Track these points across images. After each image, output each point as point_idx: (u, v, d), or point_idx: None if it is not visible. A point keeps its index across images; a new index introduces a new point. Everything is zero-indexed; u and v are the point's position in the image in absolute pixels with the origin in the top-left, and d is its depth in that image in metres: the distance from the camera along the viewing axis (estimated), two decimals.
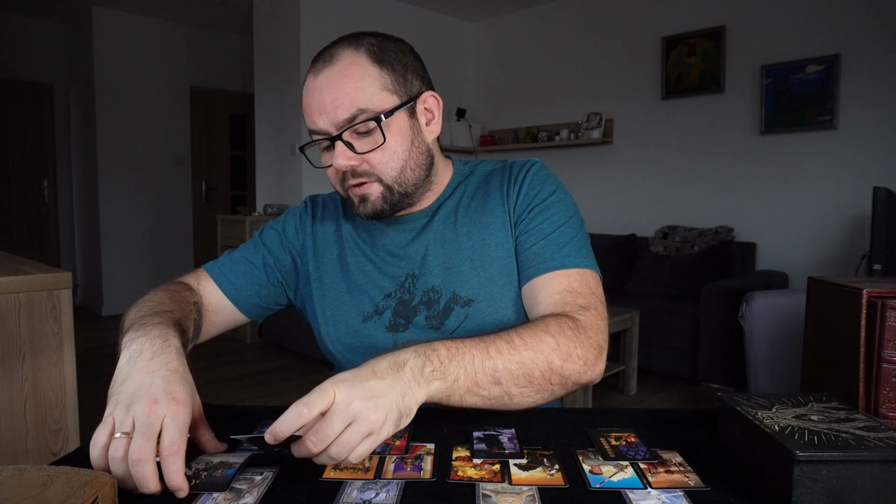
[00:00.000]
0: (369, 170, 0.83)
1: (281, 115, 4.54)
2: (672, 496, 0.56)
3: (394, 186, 0.85)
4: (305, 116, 0.84)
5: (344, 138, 0.81)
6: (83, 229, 5.65)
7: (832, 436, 0.55)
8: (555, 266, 0.85)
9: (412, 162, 0.86)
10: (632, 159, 4.38)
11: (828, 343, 0.75)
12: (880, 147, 3.33)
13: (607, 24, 4.48)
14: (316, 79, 0.82)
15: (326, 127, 0.81)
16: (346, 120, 0.80)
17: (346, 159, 0.81)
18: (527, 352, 0.71)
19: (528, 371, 0.71)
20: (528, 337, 0.72)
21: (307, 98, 0.83)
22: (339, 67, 0.81)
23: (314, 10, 4.35)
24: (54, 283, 1.43)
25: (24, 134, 5.47)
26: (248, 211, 4.49)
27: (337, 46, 0.84)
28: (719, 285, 3.21)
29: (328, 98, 0.80)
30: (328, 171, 0.87)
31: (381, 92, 0.82)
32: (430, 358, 0.66)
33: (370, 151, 0.82)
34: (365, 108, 0.80)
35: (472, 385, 0.68)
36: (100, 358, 3.97)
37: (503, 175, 0.94)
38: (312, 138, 0.85)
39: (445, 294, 0.89)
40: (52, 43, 5.57)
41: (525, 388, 0.72)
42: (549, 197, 0.90)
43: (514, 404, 0.73)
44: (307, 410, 0.56)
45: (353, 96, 0.80)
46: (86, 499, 0.48)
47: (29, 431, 1.40)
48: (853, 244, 3.40)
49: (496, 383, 0.69)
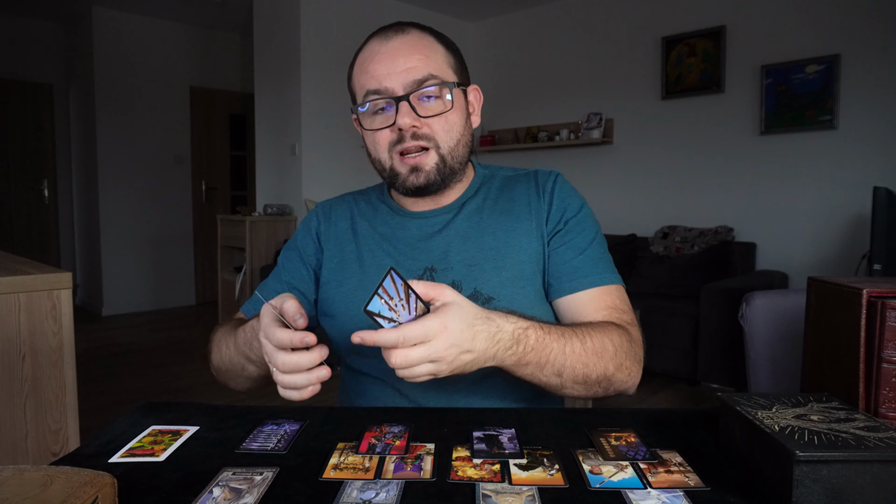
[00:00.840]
0: (429, 133, 0.87)
1: (281, 115, 4.54)
2: (672, 496, 0.56)
3: (447, 158, 0.88)
4: (364, 77, 0.87)
5: (410, 100, 0.85)
6: (83, 229, 5.65)
7: (832, 436, 0.55)
8: (595, 282, 0.90)
9: (464, 140, 0.91)
10: (632, 159, 4.37)
11: (828, 343, 0.75)
12: (880, 147, 3.33)
13: (607, 24, 4.47)
14: (387, 42, 0.86)
15: (393, 86, 0.85)
16: (417, 82, 0.85)
17: (411, 118, 0.85)
18: (592, 356, 0.78)
19: (587, 373, 0.78)
20: (596, 341, 0.78)
21: (373, 60, 0.86)
22: (412, 37, 0.87)
23: (314, 10, 4.35)
24: (54, 283, 1.43)
25: (24, 134, 5.47)
26: (248, 211, 4.49)
27: (402, 24, 0.89)
28: (719, 285, 3.21)
29: (401, 60, 0.85)
30: (378, 136, 0.88)
31: (447, 67, 0.89)
32: (519, 345, 0.71)
33: (433, 116, 0.86)
34: (435, 75, 0.86)
35: (537, 370, 0.75)
36: (100, 358, 3.97)
37: (528, 183, 0.97)
38: (367, 99, 0.87)
39: (466, 289, 0.89)
40: (52, 43, 5.56)
41: (578, 386, 0.78)
42: (580, 212, 0.95)
43: (559, 392, 0.80)
44: (406, 340, 0.63)
45: (426, 62, 0.86)
46: (86, 499, 0.48)
47: (29, 431, 1.40)
48: (853, 244, 3.40)
49: (557, 375, 0.76)
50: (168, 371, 3.71)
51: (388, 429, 0.72)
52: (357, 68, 0.90)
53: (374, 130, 0.88)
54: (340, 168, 4.56)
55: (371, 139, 0.90)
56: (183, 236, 5.81)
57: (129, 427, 0.74)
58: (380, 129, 0.87)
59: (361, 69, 0.88)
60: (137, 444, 0.69)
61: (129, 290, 5.46)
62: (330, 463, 0.63)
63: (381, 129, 0.87)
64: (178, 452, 0.67)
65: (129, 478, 0.60)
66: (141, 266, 5.53)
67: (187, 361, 3.92)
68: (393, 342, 0.62)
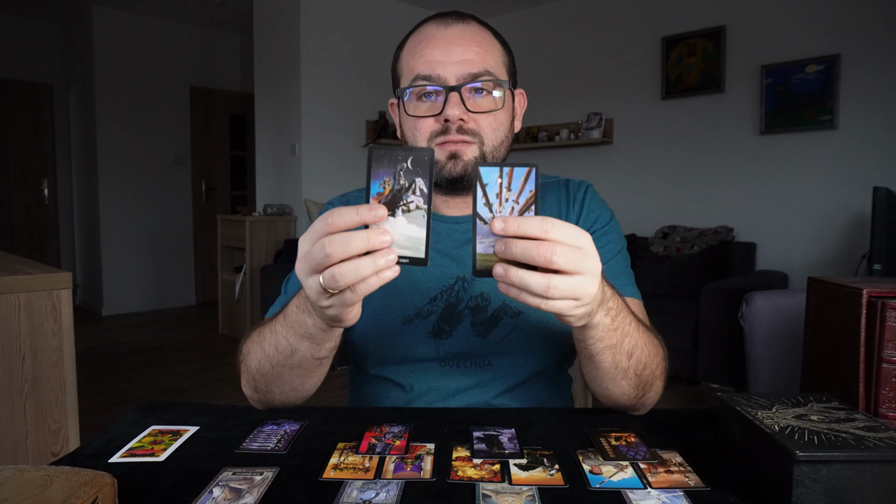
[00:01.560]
0: (476, 129, 0.83)
1: (281, 115, 4.54)
2: (672, 496, 0.56)
3: (487, 154, 0.85)
4: (416, 61, 0.83)
5: (462, 93, 0.82)
6: (83, 229, 5.65)
7: (832, 436, 0.55)
8: (620, 293, 0.86)
9: (507, 142, 0.88)
10: (632, 159, 4.37)
11: (828, 343, 0.75)
12: (880, 147, 3.33)
13: (607, 24, 4.47)
14: (446, 29, 0.83)
15: (446, 76, 0.81)
16: (472, 75, 0.82)
17: (461, 111, 0.81)
18: (652, 349, 0.74)
19: (647, 363, 0.73)
20: (653, 339, 0.75)
21: (428, 45, 0.83)
22: (472, 29, 0.84)
23: (314, 10, 4.35)
24: (54, 283, 1.43)
25: (24, 134, 5.47)
26: (248, 211, 4.49)
27: (462, 14, 0.86)
28: (719, 285, 3.21)
29: (458, 49, 0.82)
30: (420, 123, 0.84)
31: (502, 67, 0.86)
32: (610, 301, 0.65)
33: (481, 113, 0.83)
34: (491, 72, 0.83)
35: (619, 340, 0.68)
36: (100, 358, 3.97)
37: (559, 192, 0.95)
38: (416, 84, 0.83)
39: (494, 302, 0.87)
40: (52, 43, 5.56)
41: (634, 379, 0.73)
42: (609, 223, 0.93)
43: (613, 386, 0.73)
44: (549, 234, 0.52)
45: (483, 56, 0.83)
46: (86, 499, 0.48)
47: (29, 431, 1.40)
48: (853, 244, 3.40)
49: (629, 356, 0.70)
50: (168, 371, 3.71)
51: (388, 429, 0.72)
52: (408, 51, 0.86)
53: (417, 117, 0.84)
54: (340, 168, 4.56)
55: (411, 126, 0.85)
56: (183, 236, 5.81)
57: (129, 427, 0.74)
58: (424, 116, 0.83)
59: (414, 52, 0.84)
60: (137, 444, 0.69)
61: (129, 290, 5.46)
62: (330, 463, 0.63)
63: (425, 118, 0.83)
64: (178, 452, 0.67)
65: (129, 478, 0.60)
66: (141, 266, 5.53)
67: (187, 361, 3.92)
68: (539, 228, 0.52)
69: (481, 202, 0.53)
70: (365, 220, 0.52)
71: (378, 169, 0.53)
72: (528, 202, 0.53)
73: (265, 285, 3.97)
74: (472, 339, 0.87)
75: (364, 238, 0.52)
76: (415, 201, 0.53)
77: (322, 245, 0.53)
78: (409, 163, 0.53)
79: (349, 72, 4.55)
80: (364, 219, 0.52)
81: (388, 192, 0.53)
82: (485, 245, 0.54)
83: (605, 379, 0.73)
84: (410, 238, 0.53)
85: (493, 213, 0.53)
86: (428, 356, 0.87)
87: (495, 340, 0.87)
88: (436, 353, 0.87)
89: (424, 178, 0.53)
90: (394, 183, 0.53)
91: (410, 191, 0.53)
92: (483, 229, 0.54)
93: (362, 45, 4.57)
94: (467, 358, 0.87)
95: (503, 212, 0.53)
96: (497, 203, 0.53)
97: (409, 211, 0.53)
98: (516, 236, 0.52)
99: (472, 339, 0.87)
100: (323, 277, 0.54)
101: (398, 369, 0.90)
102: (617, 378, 0.72)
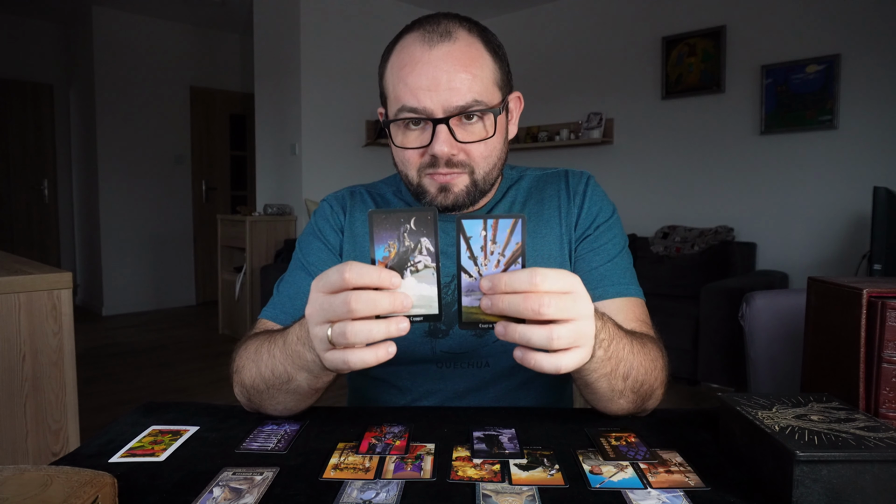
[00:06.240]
0: (465, 160, 0.79)
1: (281, 115, 4.54)
2: (672, 496, 0.56)
3: (479, 182, 0.81)
4: (400, 88, 0.77)
5: (450, 124, 0.76)
6: (83, 229, 5.65)
7: (832, 436, 0.55)
8: (622, 292, 0.85)
9: (500, 162, 0.84)
10: (632, 159, 4.37)
11: (828, 343, 0.75)
12: (880, 147, 3.33)
13: (607, 24, 4.47)
14: (430, 51, 0.76)
15: (432, 107, 0.76)
16: (460, 107, 0.76)
17: (450, 146, 0.77)
18: (650, 363, 0.72)
19: (644, 380, 0.72)
20: (650, 350, 0.73)
21: (413, 70, 0.76)
22: (459, 48, 0.76)
23: (314, 10, 4.35)
24: (54, 283, 1.43)
25: (24, 134, 5.47)
26: (248, 211, 4.49)
27: (448, 22, 0.78)
28: (719, 285, 3.21)
29: (444, 77, 0.75)
30: (407, 154, 0.80)
31: (493, 86, 0.79)
32: (605, 331, 0.63)
33: (472, 143, 0.78)
34: (480, 100, 0.76)
35: (614, 366, 0.66)
36: (100, 358, 3.97)
37: (559, 184, 0.92)
38: (400, 115, 0.77)
39: None
40: (52, 43, 5.56)
41: (631, 395, 0.72)
42: (611, 218, 0.90)
43: (609, 404, 0.73)
44: (539, 285, 0.51)
45: (470, 84, 0.76)
46: (86, 499, 0.48)
47: (29, 431, 1.40)
48: (853, 244, 3.40)
49: (624, 378, 0.69)
50: (168, 371, 3.71)
51: (388, 429, 0.72)
52: (392, 72, 0.79)
53: (405, 148, 0.80)
54: (340, 168, 4.57)
55: (400, 156, 0.81)
56: (183, 236, 5.81)
57: (129, 427, 0.74)
58: (413, 148, 0.79)
59: (398, 76, 0.78)
60: (137, 444, 0.69)
61: (129, 290, 5.46)
62: (330, 463, 0.63)
63: (409, 149, 0.79)
64: (179, 452, 0.67)
65: (129, 478, 0.60)
66: (141, 266, 5.53)
67: (187, 361, 3.92)
68: (527, 282, 0.50)
69: (465, 255, 0.52)
70: (384, 285, 0.52)
71: (381, 233, 0.52)
72: (514, 255, 0.52)
73: (265, 285, 3.97)
74: (469, 338, 0.87)
75: (389, 302, 0.52)
76: (422, 261, 0.53)
77: (347, 300, 0.52)
78: (413, 223, 0.52)
79: (349, 71, 4.55)
80: (383, 284, 0.52)
81: (393, 255, 0.53)
82: (471, 298, 0.54)
83: (602, 400, 0.72)
84: (422, 297, 0.53)
85: (479, 267, 0.53)
86: (425, 356, 0.87)
87: (492, 340, 0.86)
88: (432, 353, 0.87)
89: (430, 237, 0.53)
90: (399, 245, 0.53)
91: (417, 251, 0.53)
92: (468, 283, 0.53)
93: (362, 44, 4.56)
94: (464, 358, 0.87)
95: (489, 265, 0.52)
96: (482, 256, 0.52)
97: (418, 271, 0.53)
98: (505, 293, 0.51)
99: (468, 339, 0.87)
100: (332, 331, 0.54)
101: (396, 371, 0.89)
102: (614, 399, 0.71)
